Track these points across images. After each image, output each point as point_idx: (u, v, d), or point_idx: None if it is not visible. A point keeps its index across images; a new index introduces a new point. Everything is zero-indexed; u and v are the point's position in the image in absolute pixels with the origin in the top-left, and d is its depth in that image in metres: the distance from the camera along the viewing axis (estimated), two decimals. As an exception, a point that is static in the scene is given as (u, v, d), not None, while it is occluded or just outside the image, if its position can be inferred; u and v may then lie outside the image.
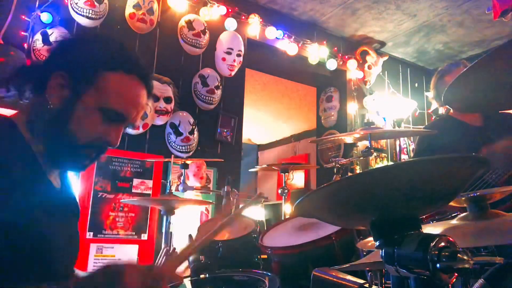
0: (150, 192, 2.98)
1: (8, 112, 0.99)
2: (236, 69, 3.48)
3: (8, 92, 0.95)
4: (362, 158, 2.16)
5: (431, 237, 0.60)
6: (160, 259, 1.53)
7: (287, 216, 2.25)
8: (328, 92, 4.61)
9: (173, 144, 3.10)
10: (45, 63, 0.97)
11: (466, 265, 0.56)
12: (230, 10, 3.56)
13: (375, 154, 4.47)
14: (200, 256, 1.58)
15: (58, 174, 1.02)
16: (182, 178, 2.24)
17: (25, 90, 0.94)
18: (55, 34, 2.67)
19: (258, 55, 3.97)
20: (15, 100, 0.95)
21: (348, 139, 2.20)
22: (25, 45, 2.63)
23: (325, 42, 4.16)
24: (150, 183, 2.99)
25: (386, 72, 4.74)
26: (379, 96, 4.58)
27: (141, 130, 2.93)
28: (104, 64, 0.92)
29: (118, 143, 0.96)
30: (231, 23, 3.52)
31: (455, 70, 2.22)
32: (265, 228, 1.75)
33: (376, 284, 0.99)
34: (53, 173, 0.98)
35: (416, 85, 5.11)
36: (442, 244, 0.58)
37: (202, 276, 1.44)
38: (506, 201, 1.36)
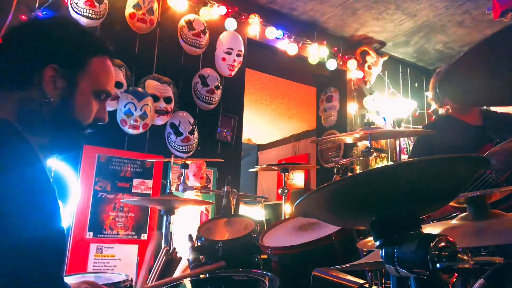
0: (150, 192, 2.98)
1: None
2: (236, 69, 3.48)
3: None
4: (362, 158, 2.15)
5: (431, 237, 0.60)
6: (160, 259, 1.53)
7: (287, 216, 2.25)
8: (328, 92, 4.61)
9: (173, 144, 3.10)
10: (28, 58, 0.93)
11: (466, 265, 0.56)
12: (230, 10, 3.56)
13: (375, 154, 4.47)
14: (200, 256, 1.58)
15: None
16: (182, 178, 2.24)
17: (4, 86, 0.93)
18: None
19: (258, 55, 3.97)
20: None
21: (348, 139, 2.20)
22: (25, 45, 2.63)
23: (325, 42, 4.16)
24: (150, 183, 2.99)
25: (386, 72, 4.74)
26: (379, 96, 4.58)
27: (141, 130, 2.93)
28: (89, 51, 0.99)
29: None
30: (231, 23, 3.52)
31: None
32: (265, 228, 1.74)
33: (376, 284, 0.99)
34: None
35: (416, 85, 5.12)
36: (442, 244, 0.58)
37: (202, 276, 1.44)
38: (506, 201, 1.36)
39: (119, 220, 2.83)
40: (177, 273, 1.53)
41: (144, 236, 2.89)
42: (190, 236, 1.70)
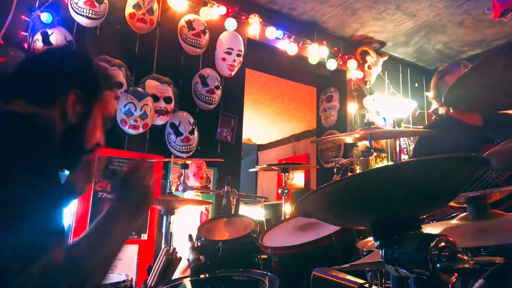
0: (150, 192, 2.97)
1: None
2: (236, 69, 3.48)
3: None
4: (362, 158, 2.15)
5: (431, 237, 0.59)
6: (160, 259, 1.53)
7: (287, 216, 2.25)
8: (328, 92, 4.61)
9: (173, 144, 3.10)
10: (58, 82, 1.03)
11: (466, 265, 0.56)
12: (230, 10, 3.56)
13: (375, 154, 4.47)
14: (200, 256, 1.58)
15: None
16: (182, 178, 2.24)
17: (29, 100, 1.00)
18: (55, 34, 2.67)
19: (258, 55, 3.97)
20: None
21: (348, 139, 2.20)
22: (25, 45, 2.63)
23: (325, 42, 4.16)
24: (150, 183, 2.98)
25: (386, 72, 4.74)
26: (379, 96, 4.58)
27: (141, 130, 2.93)
28: (105, 84, 1.11)
29: None
30: (231, 23, 3.52)
31: (455, 70, 2.22)
32: (265, 228, 1.74)
33: (376, 284, 0.99)
34: None
35: (416, 85, 5.12)
36: (442, 244, 0.58)
37: (202, 276, 1.44)
38: (506, 201, 1.36)
39: (119, 220, 2.82)
40: (177, 274, 1.54)
41: (144, 236, 2.89)
42: (190, 236, 1.70)
